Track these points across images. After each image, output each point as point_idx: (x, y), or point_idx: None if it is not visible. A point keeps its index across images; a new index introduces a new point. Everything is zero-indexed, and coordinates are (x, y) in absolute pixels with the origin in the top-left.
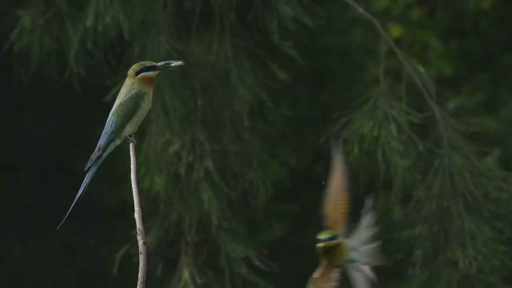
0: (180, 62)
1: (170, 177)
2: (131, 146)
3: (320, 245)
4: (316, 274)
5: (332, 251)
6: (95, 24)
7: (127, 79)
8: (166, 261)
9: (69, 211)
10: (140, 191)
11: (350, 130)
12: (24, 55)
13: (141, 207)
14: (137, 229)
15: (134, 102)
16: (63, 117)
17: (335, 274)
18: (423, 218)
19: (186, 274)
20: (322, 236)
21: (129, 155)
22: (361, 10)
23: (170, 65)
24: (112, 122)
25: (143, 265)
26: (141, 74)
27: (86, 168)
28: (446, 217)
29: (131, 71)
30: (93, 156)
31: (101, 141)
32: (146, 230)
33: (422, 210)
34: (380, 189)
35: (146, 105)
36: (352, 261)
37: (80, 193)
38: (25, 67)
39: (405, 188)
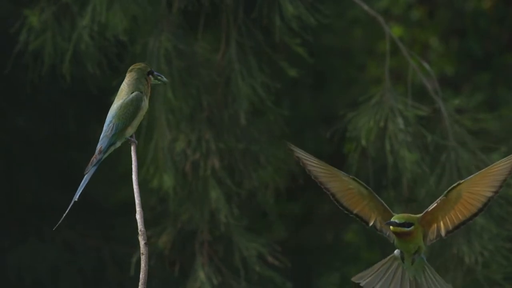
0: (166, 80)
1: (179, 175)
2: (132, 146)
3: (391, 227)
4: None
5: (403, 236)
6: (92, 24)
7: (134, 76)
8: (174, 262)
9: (65, 213)
10: (147, 191)
11: (356, 126)
12: (36, 55)
13: (143, 207)
14: (139, 230)
15: (135, 105)
16: (63, 117)
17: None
18: None
19: (202, 274)
20: (396, 219)
21: (131, 155)
22: (366, 7)
23: (158, 78)
24: (113, 125)
25: (145, 265)
26: (150, 75)
27: (86, 171)
28: None
29: (141, 70)
30: (94, 159)
31: (102, 144)
32: (160, 231)
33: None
34: (389, 185)
35: (145, 105)
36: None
37: (77, 196)
38: (37, 67)
39: (413, 183)
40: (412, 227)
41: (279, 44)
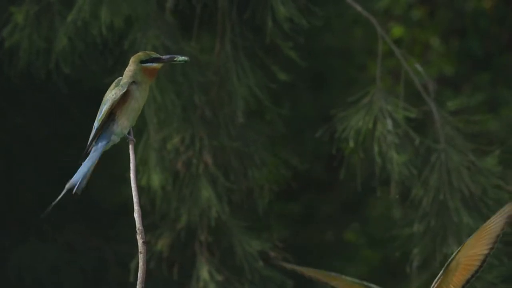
0: (185, 58)
1: (171, 175)
2: (130, 145)
3: None
4: None
5: None
6: (77, 20)
7: (128, 66)
8: (173, 265)
9: (56, 201)
10: (143, 191)
11: (346, 125)
12: (14, 52)
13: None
14: (137, 229)
15: (117, 93)
16: (63, 117)
17: None
18: (420, 215)
19: (205, 273)
20: None
21: (129, 153)
22: (359, 8)
23: (175, 59)
24: (101, 110)
25: (143, 264)
26: (146, 64)
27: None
28: (444, 213)
29: (135, 59)
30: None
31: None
32: (159, 234)
33: (420, 205)
34: (378, 187)
35: (142, 96)
36: None
37: (78, 186)
38: (14, 65)
39: (402, 184)
40: None
41: (274, 46)
